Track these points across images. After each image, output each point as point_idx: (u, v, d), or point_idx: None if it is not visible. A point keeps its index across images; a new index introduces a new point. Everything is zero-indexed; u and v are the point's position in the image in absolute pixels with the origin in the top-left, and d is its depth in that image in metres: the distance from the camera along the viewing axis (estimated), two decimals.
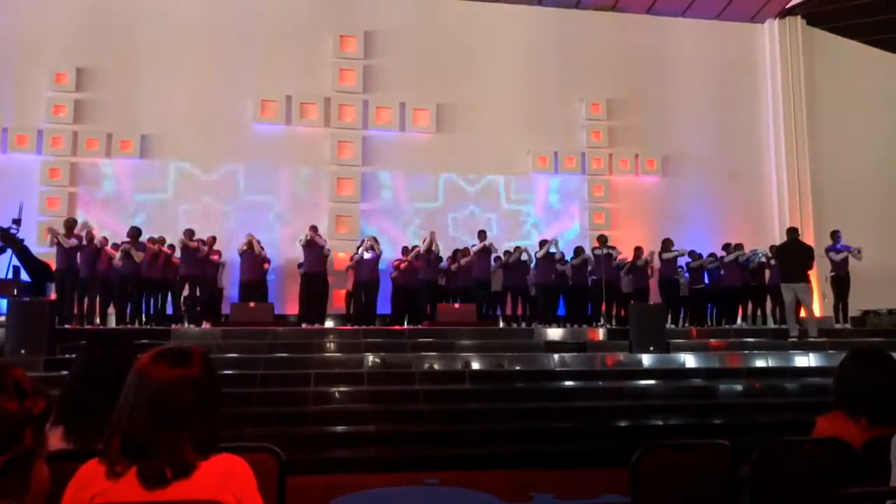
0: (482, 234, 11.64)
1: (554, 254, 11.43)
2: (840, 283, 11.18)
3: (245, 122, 13.31)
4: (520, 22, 14.30)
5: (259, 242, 11.28)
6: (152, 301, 10.62)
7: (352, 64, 13.78)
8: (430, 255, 11.37)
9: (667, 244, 11.68)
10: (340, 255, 12.75)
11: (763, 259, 11.86)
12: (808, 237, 13.51)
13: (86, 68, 12.97)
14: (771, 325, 11.76)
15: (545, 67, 14.24)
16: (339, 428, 6.56)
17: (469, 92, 13.87)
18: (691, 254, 12.11)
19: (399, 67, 13.86)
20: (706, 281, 12.04)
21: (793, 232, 10.18)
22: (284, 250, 12.83)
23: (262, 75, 13.33)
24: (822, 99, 14.87)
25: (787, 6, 14.75)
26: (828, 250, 11.42)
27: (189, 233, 10.71)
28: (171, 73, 13.01)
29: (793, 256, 9.79)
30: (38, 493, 1.34)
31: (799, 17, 14.98)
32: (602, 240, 11.49)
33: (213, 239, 11.48)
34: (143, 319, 10.48)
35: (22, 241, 9.85)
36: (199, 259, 10.74)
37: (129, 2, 13.26)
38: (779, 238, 12.49)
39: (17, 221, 9.87)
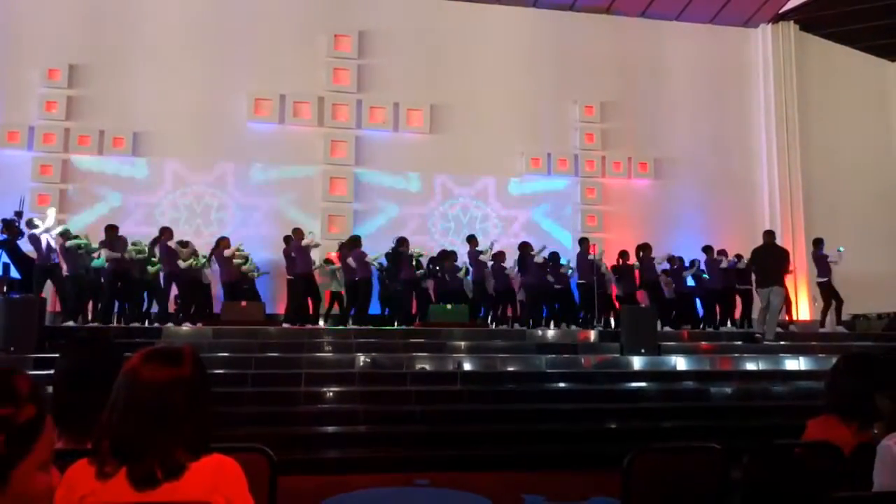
0: (472, 240, 11.63)
1: (547, 258, 11.45)
2: (830, 288, 11.18)
3: (238, 120, 13.23)
4: (514, 23, 14.29)
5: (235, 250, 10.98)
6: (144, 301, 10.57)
7: (346, 63, 13.74)
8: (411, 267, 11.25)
9: (645, 250, 11.53)
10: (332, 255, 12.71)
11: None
12: (798, 241, 13.58)
13: (78, 65, 12.87)
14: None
15: (539, 69, 14.23)
16: (330, 428, 6.56)
17: (463, 93, 13.84)
18: (670, 259, 12.04)
19: (393, 67, 13.83)
20: (690, 284, 12.05)
21: (769, 235, 9.98)
22: (276, 250, 12.75)
23: (256, 74, 13.26)
24: (815, 104, 14.93)
25: (781, 11, 14.80)
26: (823, 257, 11.25)
27: (168, 233, 10.41)
28: (165, 70, 12.93)
29: (768, 260, 9.59)
30: (24, 501, 1.29)
31: (792, 22, 15.03)
32: (583, 243, 11.50)
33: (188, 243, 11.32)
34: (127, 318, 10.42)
35: (22, 234, 9.80)
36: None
37: None
38: None
39: (19, 214, 9.87)
